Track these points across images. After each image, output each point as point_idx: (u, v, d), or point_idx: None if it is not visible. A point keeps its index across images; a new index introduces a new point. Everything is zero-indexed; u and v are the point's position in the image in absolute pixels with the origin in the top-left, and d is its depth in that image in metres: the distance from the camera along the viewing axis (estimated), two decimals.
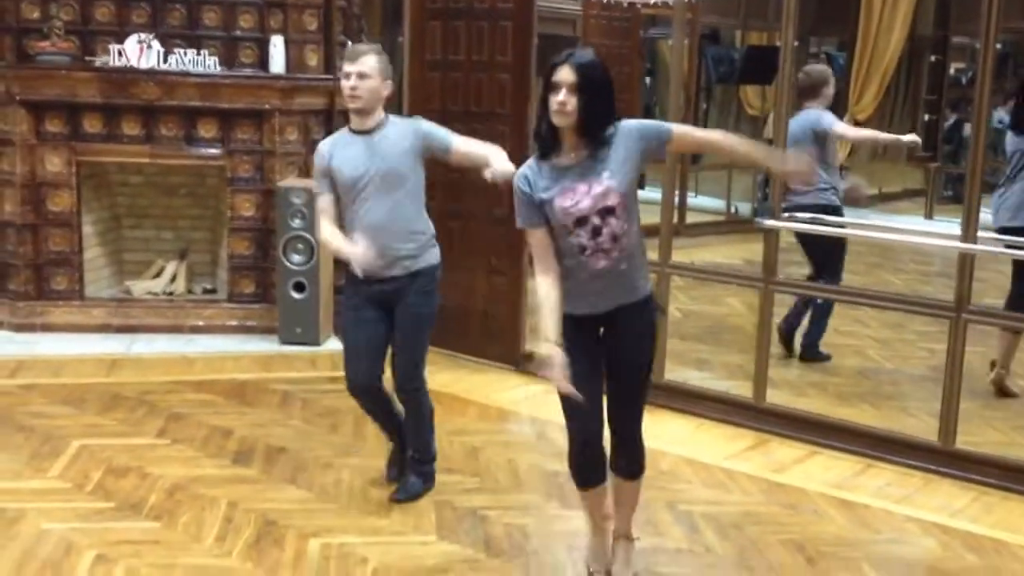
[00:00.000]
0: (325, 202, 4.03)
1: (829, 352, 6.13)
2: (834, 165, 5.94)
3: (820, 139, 5.74)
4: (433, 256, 4.06)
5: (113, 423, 4.97)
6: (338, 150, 4.00)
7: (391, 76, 4.02)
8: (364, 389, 4.13)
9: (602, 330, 3.34)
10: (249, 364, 5.96)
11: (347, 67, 3.92)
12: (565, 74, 3.09)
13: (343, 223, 4.01)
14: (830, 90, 5.94)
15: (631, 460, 3.46)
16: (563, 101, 3.07)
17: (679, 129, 3.34)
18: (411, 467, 4.26)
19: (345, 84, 3.92)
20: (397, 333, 4.08)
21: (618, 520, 3.57)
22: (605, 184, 3.14)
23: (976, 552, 3.92)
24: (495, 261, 5.84)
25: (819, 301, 5.91)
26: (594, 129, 3.14)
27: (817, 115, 5.81)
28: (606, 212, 3.15)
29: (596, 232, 3.16)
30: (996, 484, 4.46)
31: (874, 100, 11.72)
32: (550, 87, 3.11)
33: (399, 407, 4.26)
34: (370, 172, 3.92)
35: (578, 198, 3.15)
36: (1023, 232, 5.40)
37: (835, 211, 5.81)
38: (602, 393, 3.36)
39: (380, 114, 3.99)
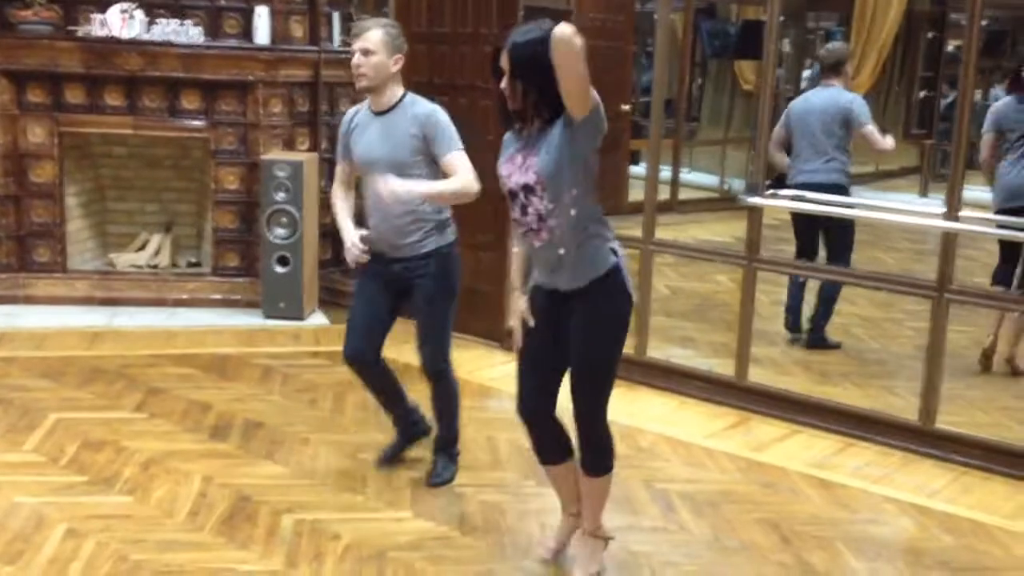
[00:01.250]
0: (340, 171, 4.05)
1: (838, 340, 6.06)
2: (849, 148, 5.95)
3: (847, 125, 5.77)
4: (444, 238, 3.93)
5: (91, 397, 4.94)
6: (357, 127, 3.94)
7: (403, 50, 3.83)
8: (352, 360, 4.06)
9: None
10: (231, 338, 5.93)
11: (353, 44, 3.80)
12: (504, 60, 3.07)
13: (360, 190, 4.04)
14: (850, 68, 5.99)
15: (586, 453, 3.38)
16: (507, 87, 3.07)
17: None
18: (440, 450, 4.19)
19: (352, 62, 3.80)
20: (415, 318, 4.01)
21: (583, 513, 3.51)
22: (534, 161, 3.10)
23: (952, 533, 3.90)
24: (479, 237, 5.79)
25: (827, 287, 5.88)
26: (538, 110, 3.07)
27: (850, 101, 5.82)
28: (527, 190, 3.12)
29: (523, 209, 3.16)
30: (976, 464, 4.45)
31: (871, 76, 11.65)
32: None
33: (399, 386, 4.22)
34: (380, 157, 3.83)
35: (512, 170, 3.16)
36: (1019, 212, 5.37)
37: (842, 190, 5.78)
38: (556, 371, 3.35)
39: (395, 92, 3.83)
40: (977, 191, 6.51)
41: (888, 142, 5.90)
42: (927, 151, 11.67)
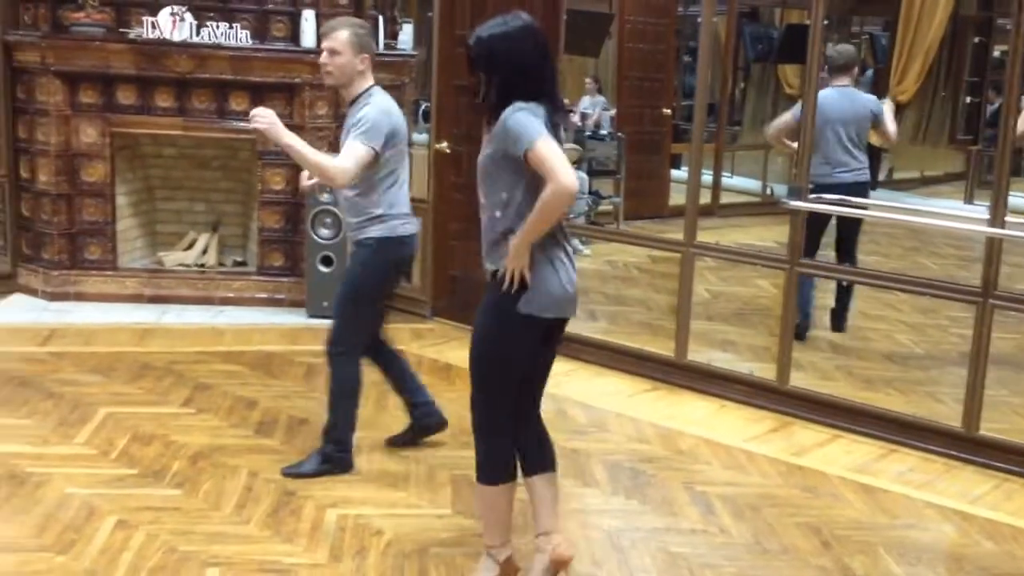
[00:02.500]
0: None
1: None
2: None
3: (871, 124, 5.93)
4: (375, 231, 4.03)
5: (140, 392, 5.04)
6: None
7: (370, 49, 3.97)
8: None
9: None
10: (276, 336, 6.02)
11: (321, 42, 3.98)
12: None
13: None
14: (856, 69, 6.13)
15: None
16: (474, 82, 3.10)
17: (536, 150, 2.94)
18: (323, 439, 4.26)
19: (319, 60, 4.00)
20: None
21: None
22: (480, 157, 3.15)
23: (994, 539, 3.88)
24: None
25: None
26: (492, 105, 3.04)
27: (872, 101, 6.01)
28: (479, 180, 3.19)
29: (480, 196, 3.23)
30: (1019, 472, 4.42)
31: (916, 81, 11.54)
32: None
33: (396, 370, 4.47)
34: (341, 146, 4.04)
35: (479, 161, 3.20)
36: None
37: (864, 189, 5.84)
38: None
39: (359, 87, 3.97)
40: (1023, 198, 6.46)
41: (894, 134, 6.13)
42: (973, 157, 11.55)
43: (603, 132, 9.60)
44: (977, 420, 4.57)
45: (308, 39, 6.35)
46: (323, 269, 6.27)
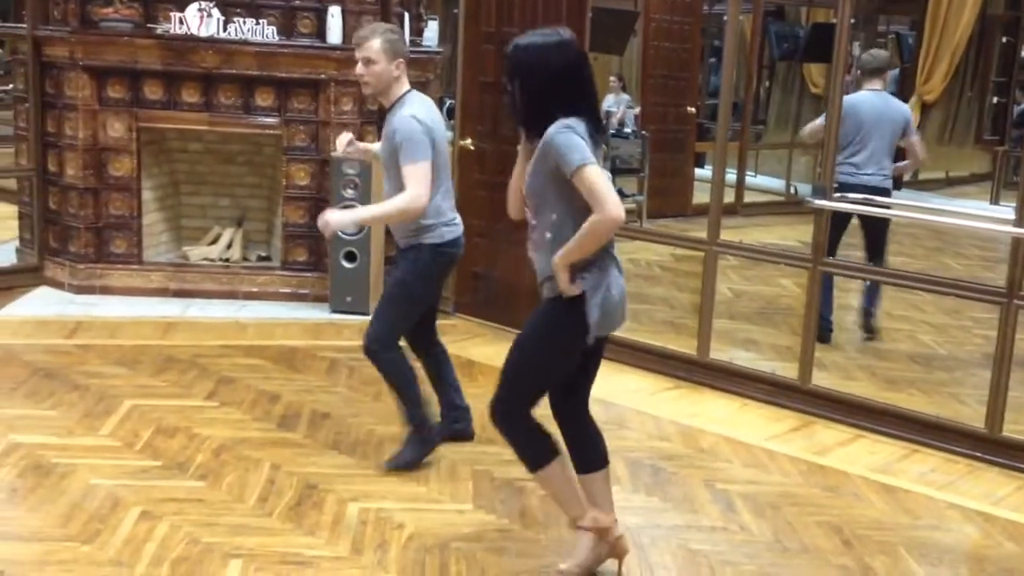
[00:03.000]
0: None
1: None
2: None
3: (902, 132, 5.97)
4: (427, 239, 4.06)
5: (165, 384, 5.08)
6: None
7: (403, 52, 3.97)
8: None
9: None
10: (299, 331, 6.05)
11: (355, 53, 3.98)
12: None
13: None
14: (888, 74, 6.13)
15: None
16: (506, 91, 3.11)
17: (583, 174, 2.97)
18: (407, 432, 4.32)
19: (356, 71, 4.01)
20: None
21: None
22: (528, 172, 3.14)
23: (1016, 541, 3.87)
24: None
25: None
26: (527, 119, 3.10)
27: (907, 110, 6.08)
28: (526, 200, 3.22)
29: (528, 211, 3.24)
30: None
31: (943, 81, 11.47)
32: None
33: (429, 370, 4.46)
34: (381, 155, 4.13)
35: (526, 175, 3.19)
36: None
37: (887, 194, 5.88)
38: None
39: (396, 93, 3.99)
40: None
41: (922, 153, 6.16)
42: (999, 158, 11.46)
43: (627, 130, 9.60)
44: (1000, 421, 4.55)
45: (334, 35, 6.38)
46: (346, 265, 6.30)
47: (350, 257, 6.29)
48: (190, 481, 4.05)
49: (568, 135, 2.98)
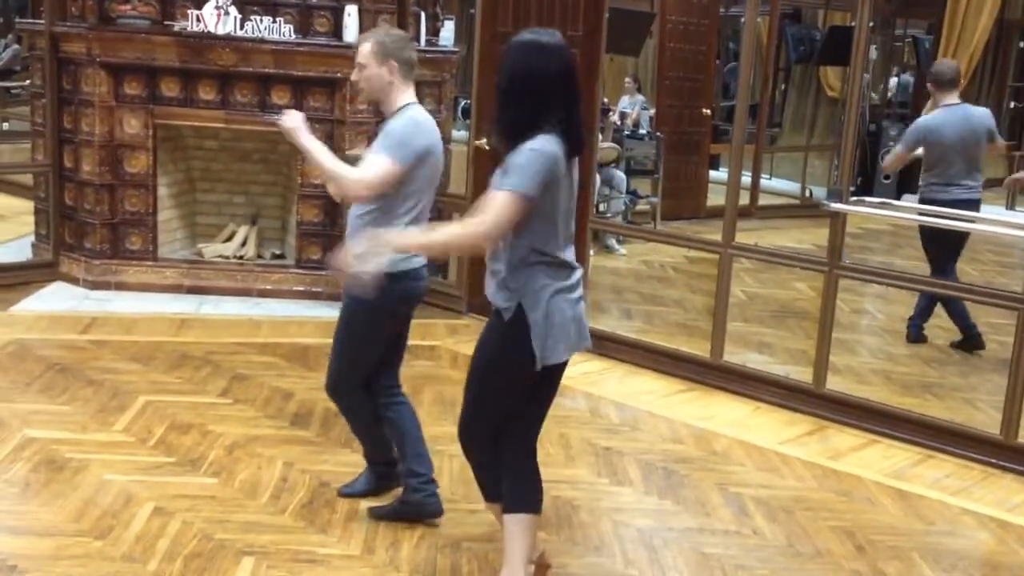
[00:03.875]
0: None
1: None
2: None
3: (985, 139, 5.93)
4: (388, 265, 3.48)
5: (178, 381, 5.09)
6: None
7: (398, 57, 3.59)
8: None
9: None
10: (313, 329, 6.05)
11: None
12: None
13: None
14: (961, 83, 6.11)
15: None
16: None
17: (501, 196, 2.84)
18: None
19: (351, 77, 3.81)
20: None
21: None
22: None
23: None
24: None
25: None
26: (506, 123, 2.94)
27: (986, 112, 6.04)
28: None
29: None
30: None
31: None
32: None
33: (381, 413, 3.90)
34: None
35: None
36: None
37: (976, 207, 5.87)
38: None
39: (394, 102, 3.61)
40: None
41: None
42: (1016, 163, 11.40)
43: (642, 131, 9.58)
44: (1016, 428, 4.53)
45: (350, 34, 6.38)
46: None
47: None
48: (203, 478, 4.06)
49: (529, 154, 2.84)
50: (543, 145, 2.86)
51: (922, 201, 5.95)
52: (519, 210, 2.85)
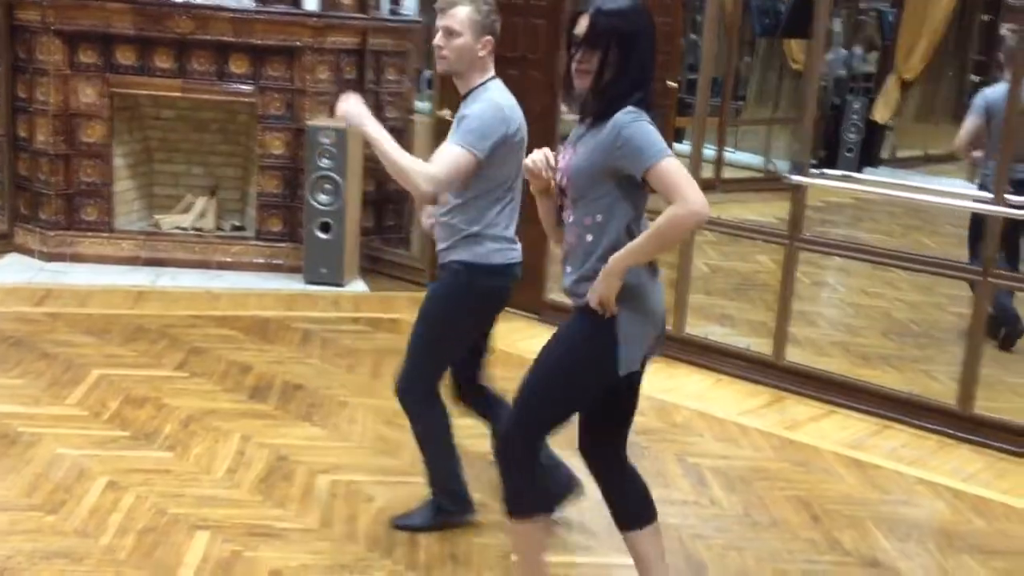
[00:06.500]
0: None
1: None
2: None
3: None
4: (464, 253, 3.30)
5: (134, 354, 5.03)
6: None
7: (494, 31, 3.26)
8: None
9: None
10: (273, 302, 6.00)
11: (437, 20, 3.27)
12: (582, 27, 2.65)
13: None
14: None
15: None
16: (580, 60, 2.66)
17: (662, 168, 2.55)
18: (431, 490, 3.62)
19: (434, 41, 3.28)
20: None
21: None
22: (571, 159, 2.73)
23: (985, 516, 3.89)
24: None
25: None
26: (603, 94, 2.64)
27: None
28: (561, 190, 2.78)
29: (562, 205, 2.81)
30: (1012, 450, 4.42)
31: (922, 60, 11.46)
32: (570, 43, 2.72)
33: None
34: None
35: (561, 163, 2.77)
36: None
37: None
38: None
39: (476, 78, 3.27)
40: None
41: None
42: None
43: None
44: (972, 398, 4.56)
45: (310, 2, 6.30)
46: (321, 235, 6.24)
47: (325, 228, 6.24)
48: (158, 452, 4.01)
49: (643, 125, 2.58)
50: (637, 113, 2.61)
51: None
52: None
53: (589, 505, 3.54)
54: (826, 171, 5.51)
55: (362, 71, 6.60)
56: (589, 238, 2.71)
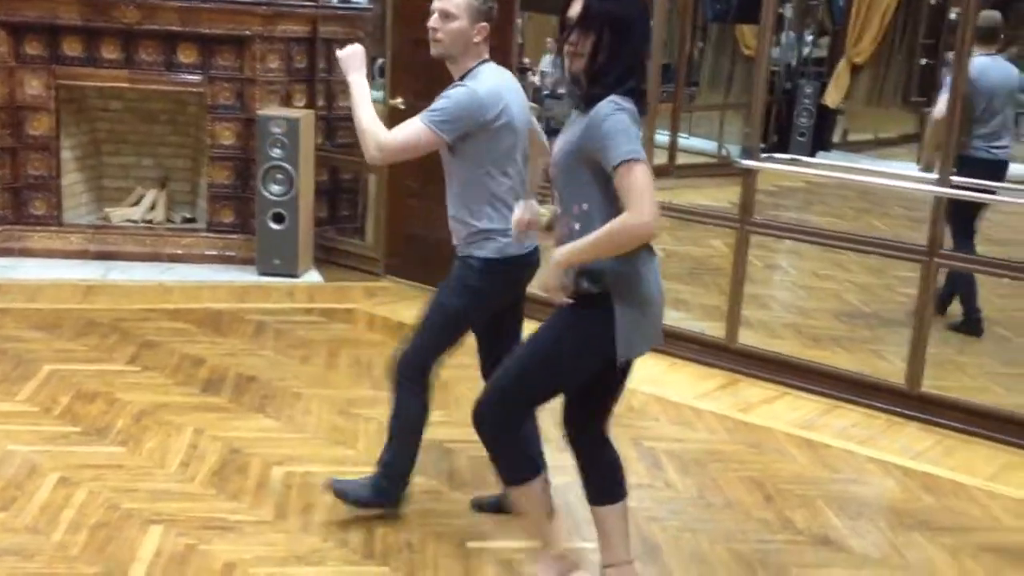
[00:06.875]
0: None
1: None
2: None
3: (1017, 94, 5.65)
4: (481, 251, 3.28)
5: (85, 349, 4.97)
6: None
7: (491, 16, 3.24)
8: None
9: None
10: (225, 294, 5.95)
11: (432, 2, 3.24)
12: (575, 8, 2.63)
13: None
14: (1002, 37, 5.76)
15: None
16: (573, 43, 2.64)
17: (626, 171, 2.52)
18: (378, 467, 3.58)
19: (428, 23, 3.24)
20: None
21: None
22: (558, 146, 2.73)
23: (933, 493, 3.95)
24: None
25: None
26: (596, 78, 2.61)
27: (1016, 69, 5.68)
28: (551, 178, 2.80)
29: (554, 195, 2.82)
30: (959, 428, 4.49)
31: (872, 43, 11.60)
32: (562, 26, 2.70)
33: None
34: None
35: (555, 148, 2.78)
36: None
37: (1006, 167, 5.63)
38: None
39: (468, 63, 3.23)
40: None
41: None
42: (926, 119, 11.63)
43: (562, 91, 9.56)
44: (920, 377, 4.64)
45: None
46: (274, 226, 6.20)
47: (278, 218, 6.19)
48: (110, 447, 3.97)
49: (621, 119, 2.54)
50: (620, 105, 2.58)
51: (969, 162, 5.32)
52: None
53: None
54: (775, 155, 5.54)
55: (313, 60, 6.56)
56: (577, 227, 2.68)
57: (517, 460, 2.94)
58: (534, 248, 3.34)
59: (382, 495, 3.52)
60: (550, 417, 3.15)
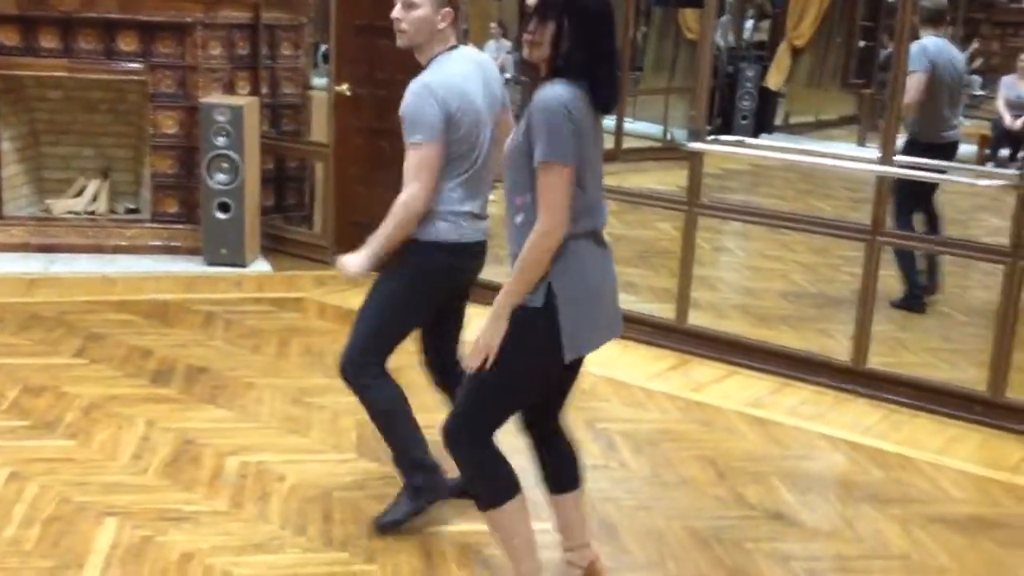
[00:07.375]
0: None
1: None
2: None
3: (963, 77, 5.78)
4: (418, 231, 3.18)
5: (30, 343, 4.89)
6: None
7: (454, 1, 3.19)
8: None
9: None
10: (172, 285, 5.88)
11: None
12: None
13: None
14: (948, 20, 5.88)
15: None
16: (532, 31, 2.57)
17: (545, 171, 2.50)
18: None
19: (392, 13, 3.19)
20: None
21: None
22: (510, 136, 2.69)
23: (882, 467, 4.04)
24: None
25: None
26: (557, 66, 2.54)
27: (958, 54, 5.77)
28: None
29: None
30: (906, 403, 4.59)
31: (812, 26, 11.75)
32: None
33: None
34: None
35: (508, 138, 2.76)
36: None
37: (956, 149, 5.74)
38: None
39: (435, 50, 3.18)
40: None
41: None
42: (865, 101, 11.83)
43: (507, 76, 9.57)
44: (866, 354, 4.72)
45: None
46: (220, 215, 6.12)
47: (223, 208, 6.12)
48: (60, 440, 3.92)
49: (554, 116, 2.47)
50: (563, 99, 2.50)
51: (916, 143, 5.52)
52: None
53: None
54: (720, 137, 5.60)
55: (256, 46, 6.48)
56: (518, 220, 2.63)
57: (489, 481, 2.84)
58: (479, 241, 3.29)
59: (420, 494, 3.38)
60: None
